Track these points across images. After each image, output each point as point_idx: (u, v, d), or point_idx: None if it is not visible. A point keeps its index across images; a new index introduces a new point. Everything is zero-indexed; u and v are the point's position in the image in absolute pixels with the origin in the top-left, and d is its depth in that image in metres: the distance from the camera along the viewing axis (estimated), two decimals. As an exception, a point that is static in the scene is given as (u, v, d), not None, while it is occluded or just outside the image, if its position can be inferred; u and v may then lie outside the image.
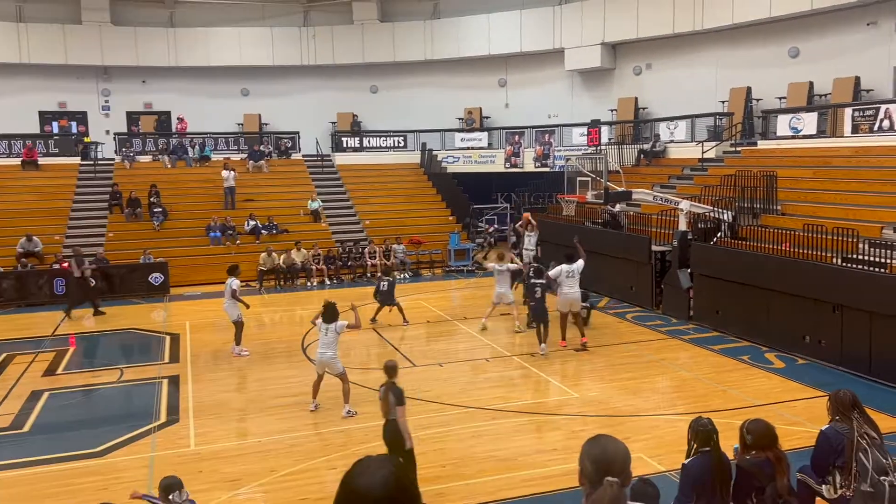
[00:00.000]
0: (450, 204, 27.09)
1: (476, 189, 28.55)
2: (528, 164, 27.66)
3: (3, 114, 27.71)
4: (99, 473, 8.68)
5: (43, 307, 18.94)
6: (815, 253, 13.04)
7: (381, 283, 16.25)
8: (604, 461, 2.61)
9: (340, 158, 29.01)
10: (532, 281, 14.15)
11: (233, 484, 8.28)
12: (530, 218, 19.40)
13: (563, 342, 13.74)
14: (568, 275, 13.56)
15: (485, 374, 12.40)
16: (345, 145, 29.58)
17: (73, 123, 29.69)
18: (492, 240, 26.45)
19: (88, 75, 29.59)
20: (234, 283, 13.68)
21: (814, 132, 19.64)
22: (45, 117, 29.52)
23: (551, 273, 13.80)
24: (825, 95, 21.04)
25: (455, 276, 22.84)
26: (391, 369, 7.93)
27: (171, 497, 6.10)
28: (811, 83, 21.37)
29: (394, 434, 7.64)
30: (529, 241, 19.10)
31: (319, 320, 10.52)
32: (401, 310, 16.11)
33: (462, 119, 30.23)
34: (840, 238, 12.71)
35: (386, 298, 16.07)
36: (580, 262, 13.73)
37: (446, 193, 27.51)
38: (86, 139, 27.96)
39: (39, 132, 28.54)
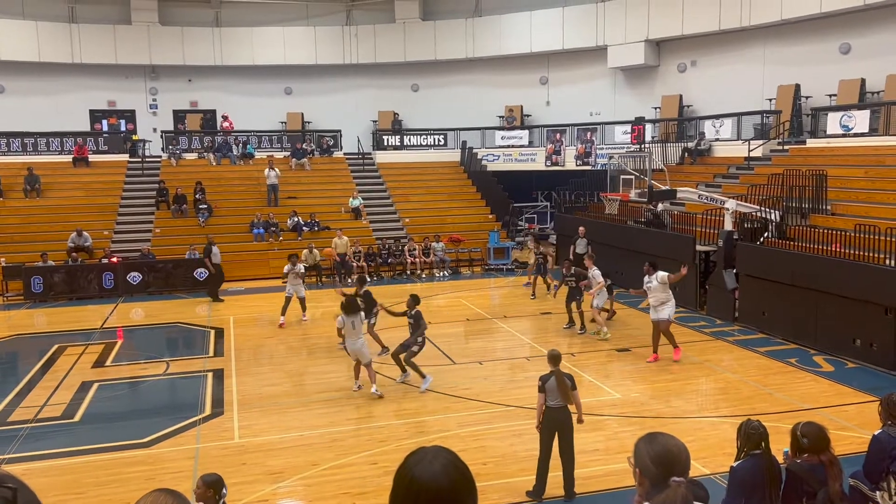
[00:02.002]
0: (489, 202, 27.03)
1: (516, 187, 28.42)
2: (570, 163, 27.43)
3: (56, 112, 28.57)
4: (146, 463, 8.88)
5: (92, 300, 19.44)
6: (866, 254, 12.67)
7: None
8: (668, 460, 2.52)
9: (381, 156, 29.17)
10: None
11: (276, 477, 8.39)
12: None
13: (656, 356, 12.75)
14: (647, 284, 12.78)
15: (525, 372, 12.34)
16: (386, 143, 29.73)
17: (122, 121, 30.40)
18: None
19: (137, 74, 30.28)
20: (300, 266, 16.47)
21: (865, 130, 19.11)
22: (96, 115, 30.29)
23: (653, 283, 12.71)
24: (878, 93, 20.43)
25: (494, 275, 22.79)
26: (555, 358, 7.90)
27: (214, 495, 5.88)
28: (863, 80, 20.77)
29: (568, 421, 7.66)
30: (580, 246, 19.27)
31: (341, 316, 11.22)
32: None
33: (503, 117, 30.14)
34: (893, 239, 12.33)
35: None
36: (662, 273, 12.77)
37: (486, 192, 27.46)
38: (134, 137, 28.62)
39: (90, 130, 29.31)
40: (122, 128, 29.95)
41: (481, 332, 15.57)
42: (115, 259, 20.64)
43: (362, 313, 11.45)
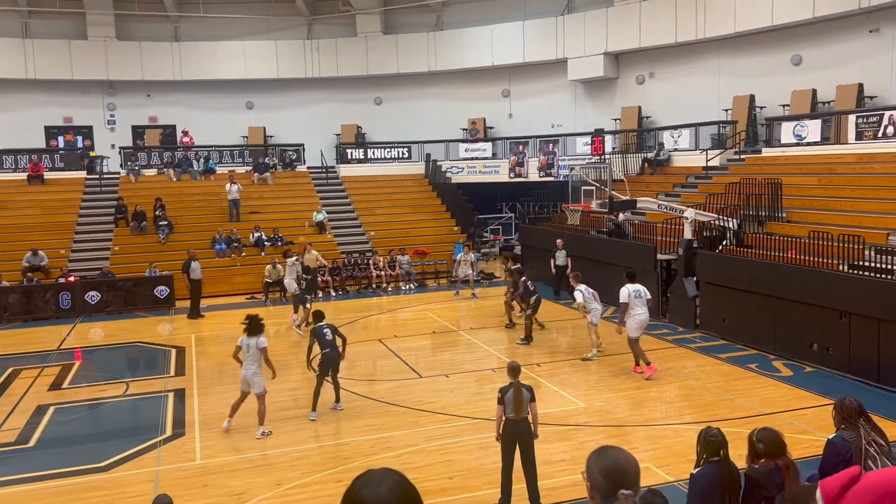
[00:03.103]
0: (454, 214, 27.10)
1: (481, 199, 28.57)
2: (533, 174, 27.67)
3: (10, 129, 27.90)
4: (104, 488, 8.66)
5: (49, 321, 18.98)
6: (821, 260, 12.98)
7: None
8: (616, 474, 2.55)
9: (345, 170, 29.08)
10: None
11: (238, 498, 8.24)
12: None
13: (639, 367, 12.60)
14: (636, 295, 12.50)
15: (491, 384, 12.32)
16: (349, 157, 29.66)
17: (79, 138, 29.86)
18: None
19: (94, 90, 29.78)
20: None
21: (818, 139, 19.62)
22: (51, 132, 29.70)
23: (621, 297, 12.48)
24: (829, 103, 21.01)
25: (460, 287, 22.78)
26: (514, 370, 7.86)
27: None
28: (814, 90, 21.35)
29: (528, 432, 7.65)
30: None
31: (243, 337, 10.16)
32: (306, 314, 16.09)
33: (466, 129, 30.29)
34: (846, 245, 12.66)
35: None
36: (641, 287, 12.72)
37: (451, 204, 27.53)
38: (91, 153, 28.13)
39: (45, 147, 28.72)
40: (79, 144, 29.43)
41: (448, 344, 15.55)
42: (71, 278, 20.20)
43: (262, 338, 10.14)
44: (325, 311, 11.80)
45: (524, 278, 15.82)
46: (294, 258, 17.79)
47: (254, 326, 10.14)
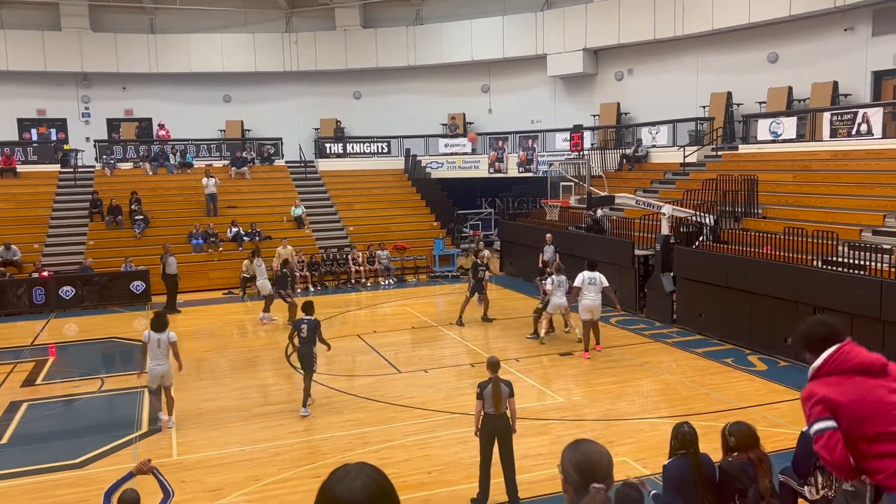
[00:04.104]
0: (434, 209, 27.07)
1: (460, 195, 28.58)
2: (512, 170, 27.71)
3: (-19, 121, 27.42)
4: (79, 485, 8.56)
5: (22, 316, 18.69)
6: (795, 256, 13.16)
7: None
8: (588, 467, 2.57)
9: (324, 164, 28.93)
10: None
11: (216, 494, 8.19)
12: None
13: (587, 353, 13.34)
14: (590, 282, 13.29)
15: (470, 379, 12.34)
16: (328, 151, 29.51)
17: (53, 130, 29.38)
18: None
19: (68, 82, 29.34)
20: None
21: (793, 136, 19.86)
22: (24, 124, 29.21)
23: (576, 282, 13.43)
24: (804, 100, 21.28)
25: (440, 282, 22.82)
26: (493, 365, 7.86)
27: None
28: (790, 88, 21.61)
29: (506, 427, 7.65)
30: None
31: (148, 332, 10.27)
32: (292, 310, 16.28)
33: (446, 125, 30.26)
34: (820, 241, 12.84)
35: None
36: (600, 275, 13.50)
37: (430, 199, 27.49)
38: (65, 146, 27.68)
39: (18, 139, 28.24)
40: (53, 137, 28.95)
41: (427, 339, 15.55)
42: (45, 273, 19.91)
43: (171, 332, 10.33)
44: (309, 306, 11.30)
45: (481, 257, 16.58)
46: (259, 260, 18.25)
47: (160, 322, 10.28)
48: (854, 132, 17.97)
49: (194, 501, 7.99)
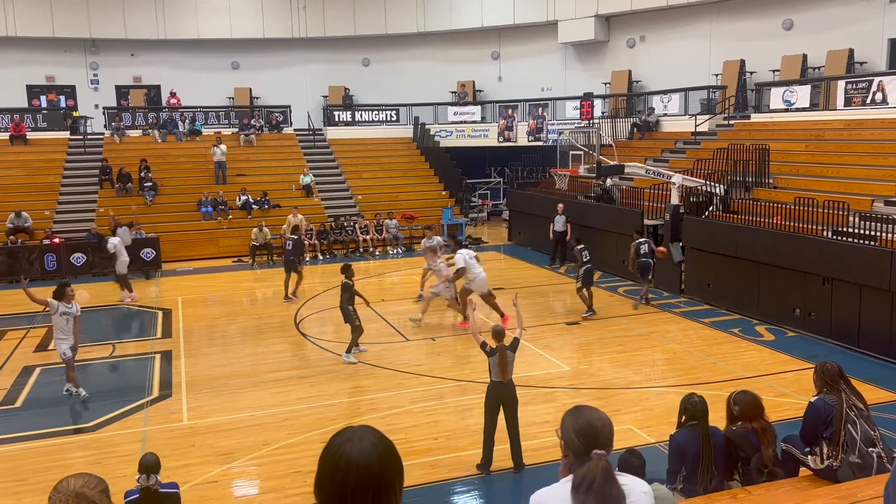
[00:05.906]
0: (442, 178, 26.98)
1: (469, 163, 28.41)
2: (522, 138, 27.52)
3: (-10, 88, 27.39)
4: (91, 448, 8.72)
5: (34, 283, 18.79)
6: (805, 226, 13.07)
7: (287, 242, 16.53)
8: (591, 433, 2.58)
9: (332, 132, 28.81)
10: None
11: (226, 457, 8.32)
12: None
13: (465, 322, 13.48)
14: (472, 258, 13.89)
15: (476, 347, 12.41)
16: (337, 119, 29.35)
17: (62, 97, 29.34)
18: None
19: (76, 48, 29.20)
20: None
21: (807, 105, 19.59)
22: (33, 91, 29.16)
23: (457, 263, 13.94)
24: (819, 68, 20.95)
25: (447, 251, 22.76)
26: (499, 333, 7.93)
27: (139, 479, 5.64)
28: (805, 56, 21.26)
29: (513, 396, 7.74)
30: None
31: (51, 300, 10.37)
32: (300, 278, 16.33)
33: (455, 93, 30.00)
34: (831, 211, 12.73)
35: (289, 263, 16.26)
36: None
37: (439, 168, 27.39)
38: (75, 114, 27.64)
39: (27, 106, 28.22)
40: (62, 104, 28.91)
41: (434, 308, 15.58)
42: (56, 240, 20.04)
43: (76, 304, 10.40)
44: (349, 268, 12.32)
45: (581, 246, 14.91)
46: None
47: (59, 292, 10.40)
48: (869, 101, 17.70)
49: (205, 465, 8.12)
